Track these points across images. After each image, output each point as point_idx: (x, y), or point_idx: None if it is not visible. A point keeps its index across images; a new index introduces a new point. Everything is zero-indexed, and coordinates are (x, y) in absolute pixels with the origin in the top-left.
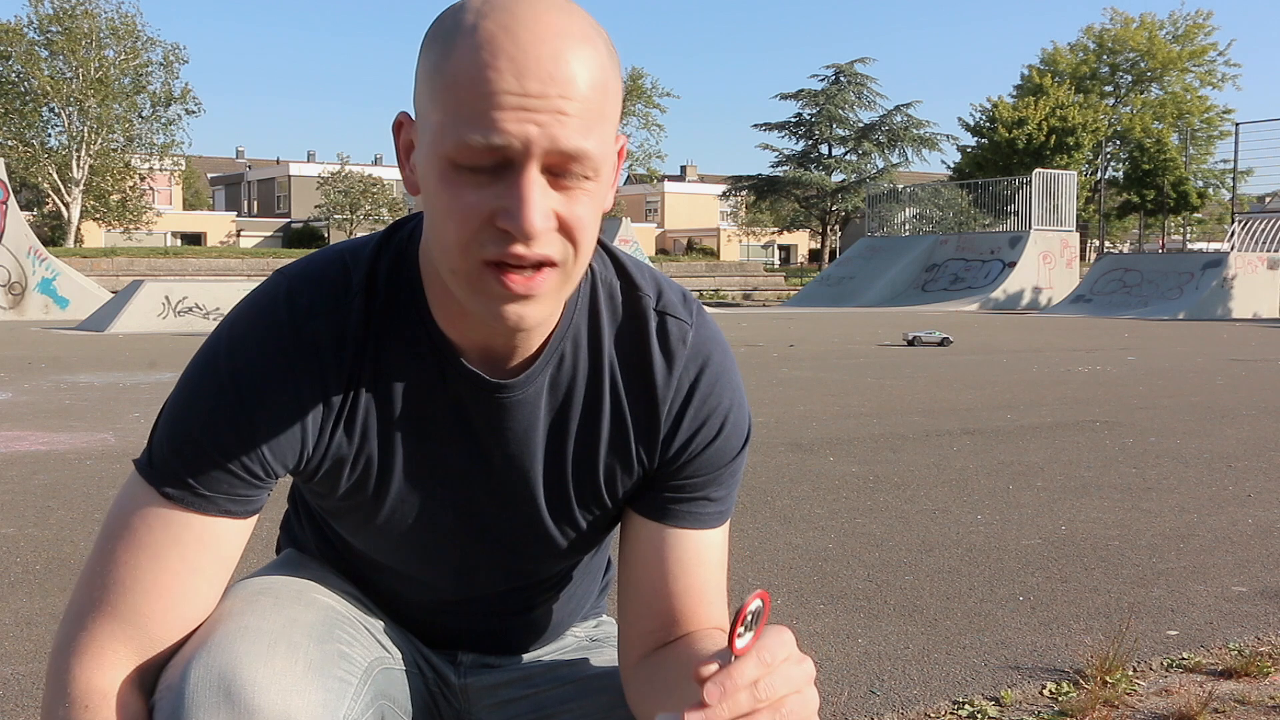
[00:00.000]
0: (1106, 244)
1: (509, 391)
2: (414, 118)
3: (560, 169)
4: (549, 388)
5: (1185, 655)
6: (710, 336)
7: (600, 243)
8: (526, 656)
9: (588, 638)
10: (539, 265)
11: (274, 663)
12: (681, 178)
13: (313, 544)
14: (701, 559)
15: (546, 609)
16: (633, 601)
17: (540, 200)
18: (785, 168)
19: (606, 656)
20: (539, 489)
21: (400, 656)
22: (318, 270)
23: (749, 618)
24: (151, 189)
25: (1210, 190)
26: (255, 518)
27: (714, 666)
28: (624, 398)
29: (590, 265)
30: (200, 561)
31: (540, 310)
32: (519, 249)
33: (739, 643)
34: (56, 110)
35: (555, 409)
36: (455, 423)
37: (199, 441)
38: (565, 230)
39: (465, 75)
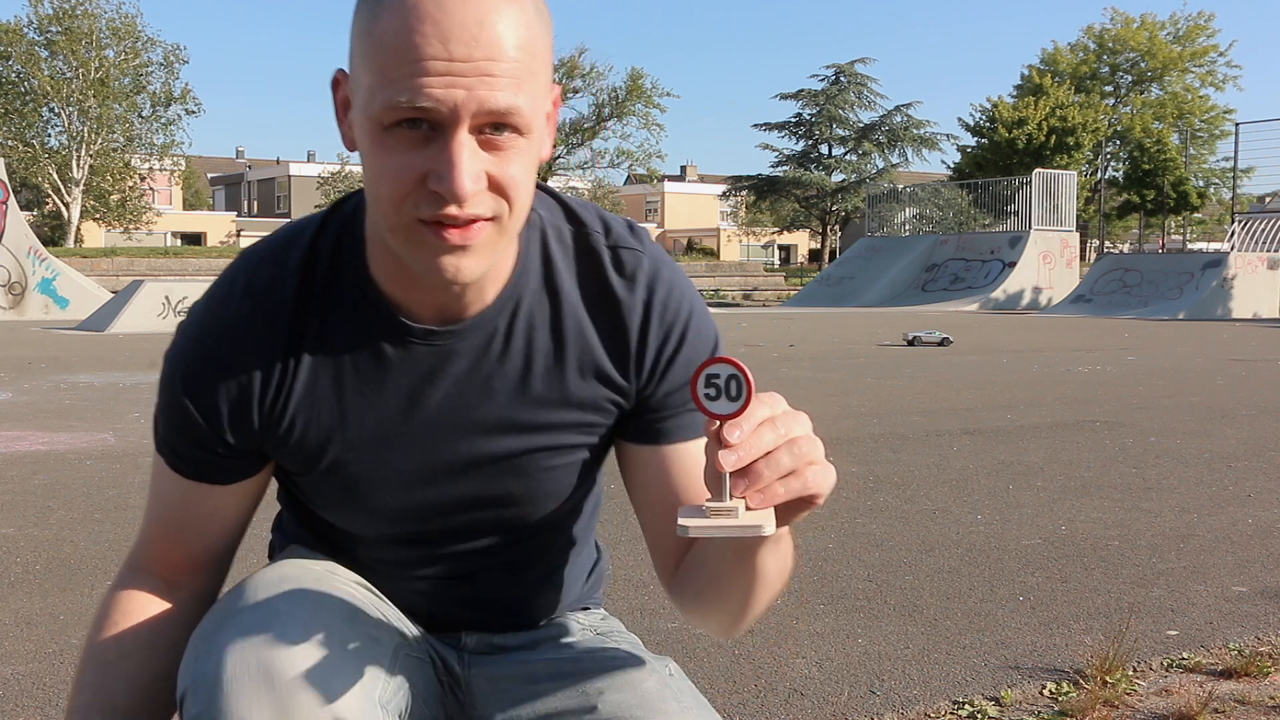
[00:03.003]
0: (1106, 244)
1: (453, 339)
2: (349, 75)
3: (489, 129)
4: (507, 333)
5: (1185, 655)
6: (660, 257)
7: (543, 187)
8: (530, 652)
9: (593, 630)
10: (472, 221)
11: (311, 646)
12: (681, 178)
13: (307, 541)
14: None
15: (542, 573)
16: (653, 522)
17: (470, 163)
18: (785, 168)
19: (610, 654)
20: (514, 426)
21: (414, 643)
22: (259, 252)
23: (722, 380)
24: (151, 189)
25: (1210, 190)
26: (253, 480)
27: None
28: (590, 328)
29: (538, 212)
30: (202, 515)
31: (477, 262)
32: (452, 209)
33: (713, 406)
34: (56, 110)
35: (519, 351)
36: (411, 379)
37: (166, 429)
38: (497, 189)
39: (392, 40)
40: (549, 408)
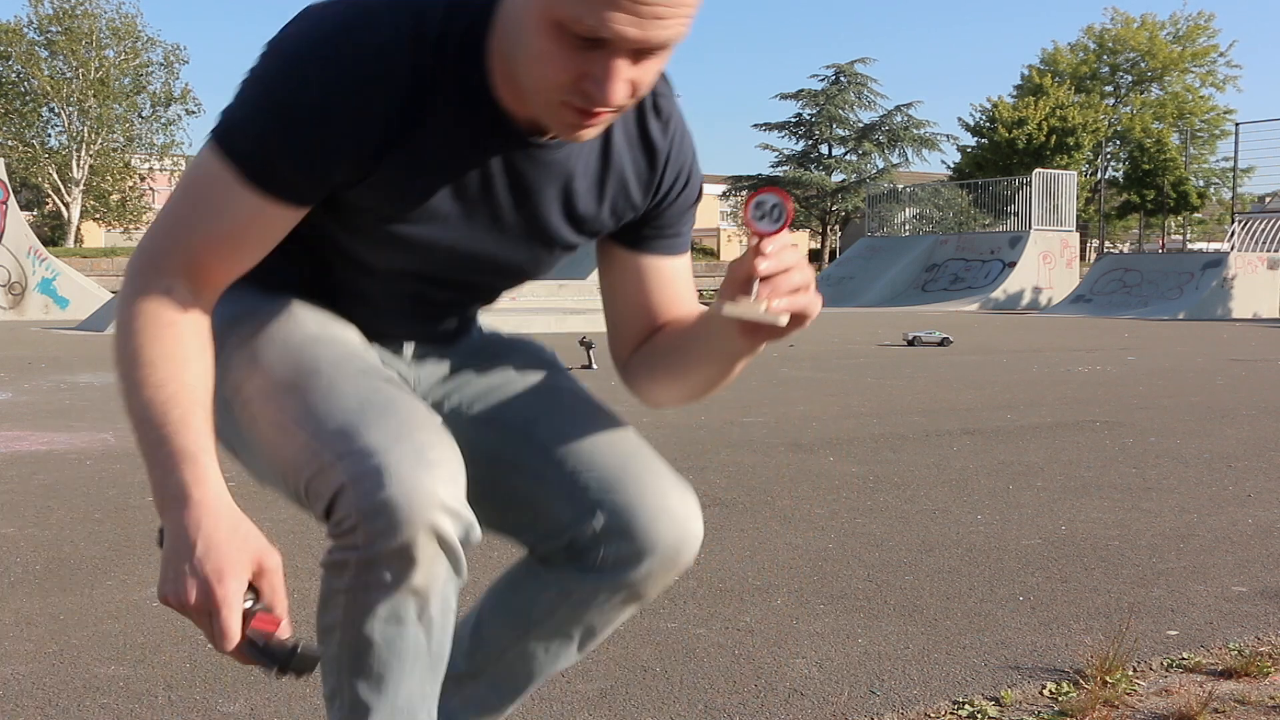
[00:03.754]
0: (1106, 244)
1: (549, 150)
2: None
3: (647, 55)
4: (577, 158)
5: (1185, 655)
6: (679, 106)
7: None
8: (457, 350)
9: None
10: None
11: (394, 400)
12: None
13: (261, 270)
14: (674, 274)
15: (487, 308)
16: (621, 314)
17: (623, 77)
18: (785, 168)
19: (516, 343)
20: (559, 227)
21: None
22: (392, 5)
23: (768, 206)
24: (151, 189)
25: (1210, 190)
26: (302, 213)
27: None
28: (629, 164)
29: None
30: (255, 236)
31: (597, 131)
32: (598, 109)
33: (759, 225)
34: (56, 110)
35: (580, 174)
36: (495, 170)
37: (269, 131)
38: (634, 91)
39: None
40: (583, 224)
